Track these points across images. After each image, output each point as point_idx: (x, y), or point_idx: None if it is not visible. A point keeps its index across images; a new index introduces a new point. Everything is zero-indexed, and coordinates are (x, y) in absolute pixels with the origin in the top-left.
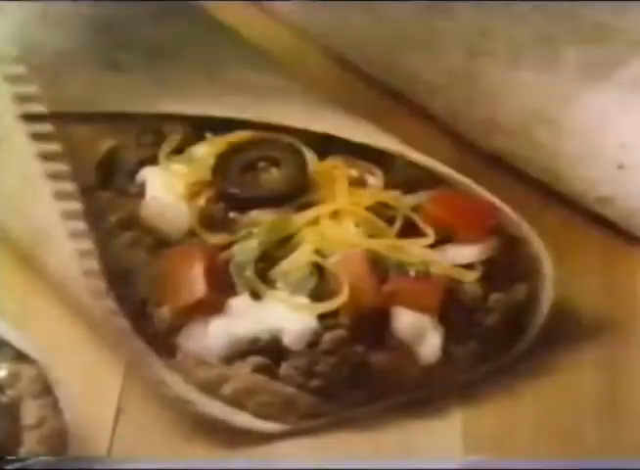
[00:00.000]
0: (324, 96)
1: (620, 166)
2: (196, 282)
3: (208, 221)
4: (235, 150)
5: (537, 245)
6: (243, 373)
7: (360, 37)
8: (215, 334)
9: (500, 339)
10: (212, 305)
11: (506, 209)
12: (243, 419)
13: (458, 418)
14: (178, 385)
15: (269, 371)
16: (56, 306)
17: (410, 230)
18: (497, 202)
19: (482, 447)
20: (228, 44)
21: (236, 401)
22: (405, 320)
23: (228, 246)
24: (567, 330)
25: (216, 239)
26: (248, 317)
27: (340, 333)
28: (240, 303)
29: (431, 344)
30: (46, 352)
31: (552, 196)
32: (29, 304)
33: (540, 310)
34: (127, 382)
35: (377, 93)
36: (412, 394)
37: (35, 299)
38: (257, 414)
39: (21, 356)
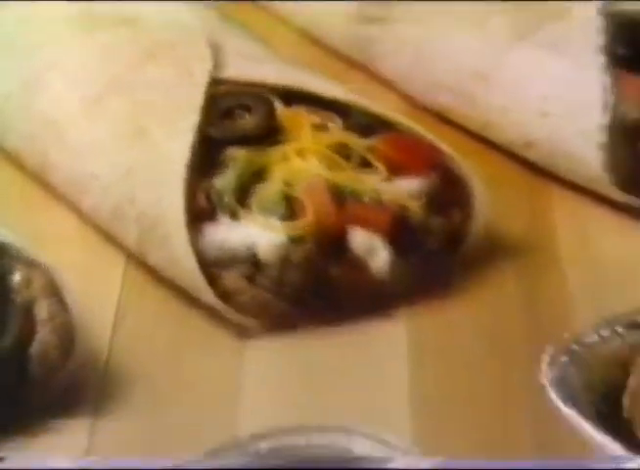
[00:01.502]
0: (294, 62)
1: (543, 115)
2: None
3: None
4: (215, 100)
5: (471, 179)
6: (231, 276)
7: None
8: (210, 239)
9: (440, 255)
10: (210, 213)
11: (445, 148)
12: (228, 311)
13: (404, 321)
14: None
15: (250, 278)
16: (62, 221)
17: (365, 167)
18: (438, 143)
19: (425, 346)
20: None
21: (223, 298)
22: (360, 239)
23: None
24: (495, 249)
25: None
26: (229, 235)
27: (306, 249)
28: (221, 223)
29: (381, 259)
30: (52, 257)
31: (486, 142)
32: (34, 216)
33: (473, 233)
34: (127, 281)
35: (338, 62)
36: (366, 301)
37: (40, 213)
38: (239, 311)
39: (32, 263)
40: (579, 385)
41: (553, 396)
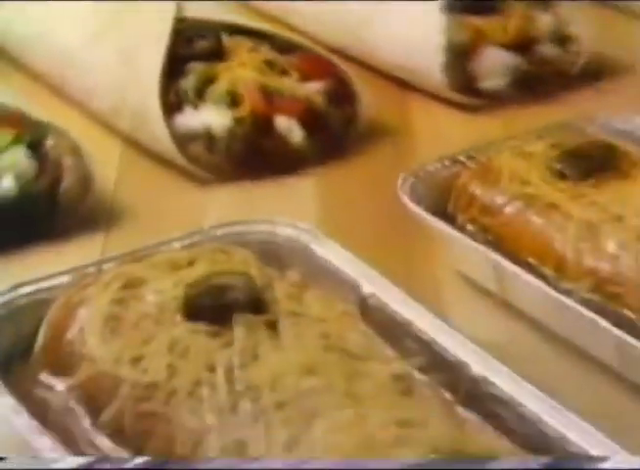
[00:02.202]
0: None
1: (398, 47)
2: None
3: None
4: (180, 31)
5: (357, 86)
6: (195, 146)
7: None
8: (180, 123)
9: (338, 134)
10: (178, 106)
11: (340, 64)
12: (194, 169)
13: (313, 176)
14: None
15: (208, 148)
16: (74, 118)
17: (285, 75)
18: (334, 60)
19: (328, 189)
20: None
21: (190, 161)
22: (282, 122)
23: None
24: (373, 132)
25: None
26: (192, 119)
27: (245, 128)
28: (186, 112)
29: (297, 136)
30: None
31: (371, 68)
32: (54, 115)
33: (359, 121)
34: (124, 154)
35: (266, 20)
36: (287, 164)
37: (58, 112)
38: (201, 168)
39: (59, 131)
40: (418, 193)
41: (406, 200)
